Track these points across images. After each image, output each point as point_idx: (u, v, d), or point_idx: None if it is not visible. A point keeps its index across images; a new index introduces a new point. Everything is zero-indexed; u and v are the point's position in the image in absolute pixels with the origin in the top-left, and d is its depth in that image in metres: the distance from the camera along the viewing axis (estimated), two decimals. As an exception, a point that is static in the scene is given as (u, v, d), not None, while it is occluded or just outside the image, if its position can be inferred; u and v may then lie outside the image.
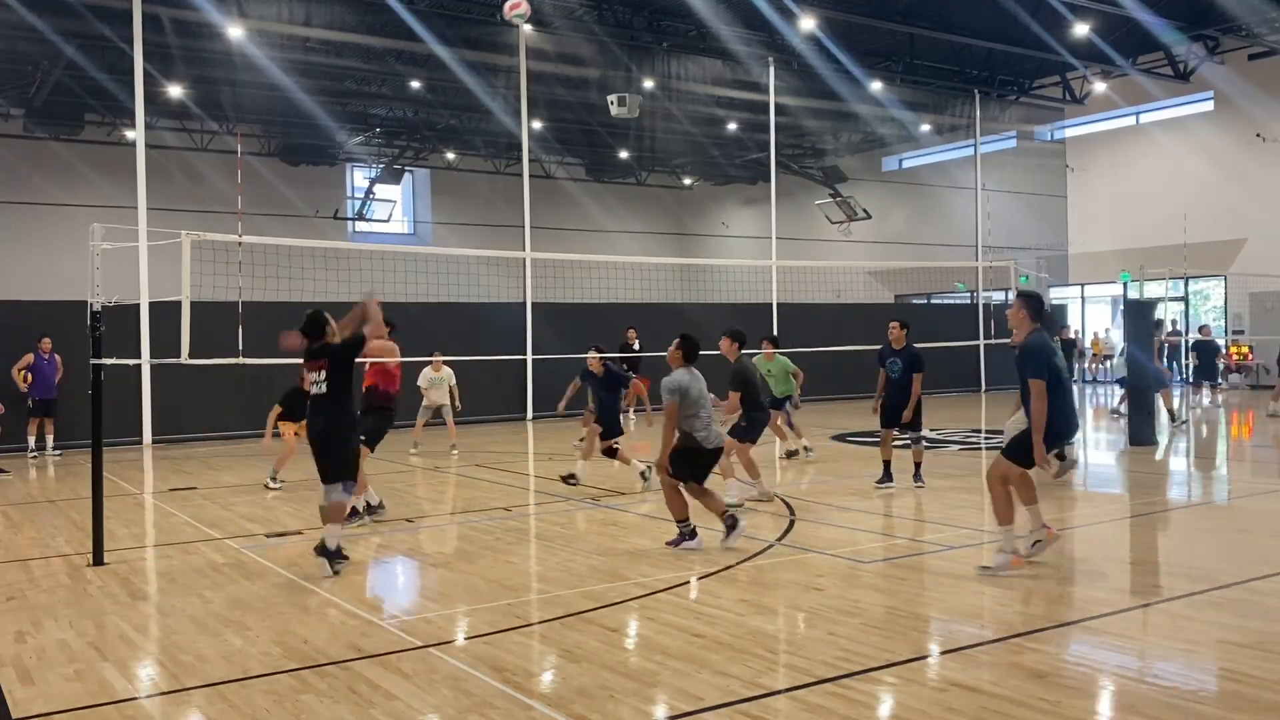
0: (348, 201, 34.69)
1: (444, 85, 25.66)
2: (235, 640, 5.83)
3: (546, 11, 21.31)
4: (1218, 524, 9.41)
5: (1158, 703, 4.62)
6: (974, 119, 28.17)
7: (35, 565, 7.97)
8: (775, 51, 23.87)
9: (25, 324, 15.96)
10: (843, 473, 12.60)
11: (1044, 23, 22.90)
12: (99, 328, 8.12)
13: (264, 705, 4.80)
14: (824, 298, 26.43)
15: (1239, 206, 26.58)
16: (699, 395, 8.00)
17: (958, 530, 8.79)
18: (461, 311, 20.47)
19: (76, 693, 4.99)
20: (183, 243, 8.58)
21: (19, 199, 28.13)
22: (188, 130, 29.92)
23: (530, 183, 21.47)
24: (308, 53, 22.70)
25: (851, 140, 34.42)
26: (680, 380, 7.93)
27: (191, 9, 19.26)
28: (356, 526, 9.06)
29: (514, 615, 6.28)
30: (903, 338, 10.84)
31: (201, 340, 9.99)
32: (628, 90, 24.36)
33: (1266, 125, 26.33)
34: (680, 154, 35.69)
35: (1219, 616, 5.95)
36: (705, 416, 7.99)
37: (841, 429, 17.67)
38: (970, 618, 6.10)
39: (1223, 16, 23.16)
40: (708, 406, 8.07)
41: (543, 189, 30.51)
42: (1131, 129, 29.88)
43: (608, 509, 10.16)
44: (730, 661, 5.29)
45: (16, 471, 14.02)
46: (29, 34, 20.26)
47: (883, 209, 34.42)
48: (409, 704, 4.77)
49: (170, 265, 10.33)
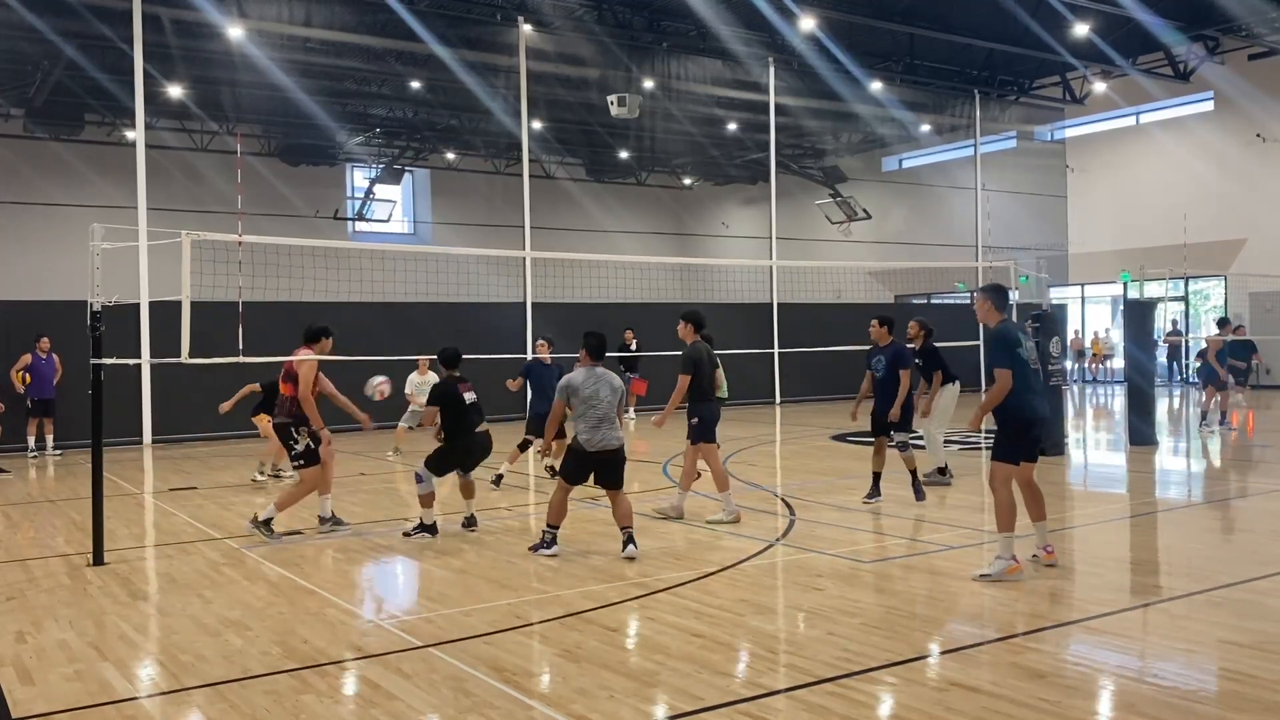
0: (348, 201, 34.68)
1: (444, 85, 25.66)
2: (235, 640, 5.83)
3: (546, 11, 21.32)
4: (1218, 524, 9.41)
5: (1158, 703, 4.62)
6: (974, 119, 28.17)
7: (35, 565, 7.97)
8: (775, 51, 23.87)
9: (25, 324, 15.96)
10: (843, 473, 12.59)
11: (1044, 23, 22.91)
12: (99, 327, 8.12)
13: (264, 705, 4.79)
14: (824, 298, 26.42)
15: (1239, 206, 26.59)
16: (590, 396, 7.75)
17: (958, 530, 8.78)
18: (461, 311, 20.47)
19: (76, 693, 4.99)
20: (183, 242, 8.56)
21: (19, 199, 28.13)
22: (188, 130, 29.91)
23: (530, 183, 21.46)
24: (308, 53, 22.70)
25: (851, 140, 34.42)
26: (572, 380, 7.82)
27: (191, 9, 19.25)
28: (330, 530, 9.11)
29: (514, 615, 6.27)
30: (885, 334, 10.36)
31: (201, 340, 9.96)
32: (628, 90, 24.36)
33: (1266, 125, 26.33)
34: (680, 154, 35.69)
35: (1219, 616, 5.94)
36: (593, 418, 7.75)
37: (841, 429, 17.66)
38: (970, 618, 6.10)
39: (1223, 16, 23.16)
40: (601, 409, 7.77)
41: (542, 189, 30.52)
42: (1131, 129, 29.88)
43: (608, 509, 10.15)
44: (730, 661, 5.29)
45: (16, 471, 14.02)
46: (29, 34, 20.25)
47: (883, 209, 34.42)
48: (409, 704, 4.77)
49: (170, 265, 10.31)
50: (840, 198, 34.44)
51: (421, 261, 21.31)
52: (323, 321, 9.38)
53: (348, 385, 17.44)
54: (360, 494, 11.51)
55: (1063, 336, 14.88)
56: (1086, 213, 30.38)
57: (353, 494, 11.49)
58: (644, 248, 36.83)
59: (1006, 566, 6.79)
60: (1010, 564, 6.80)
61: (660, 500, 9.76)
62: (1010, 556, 6.82)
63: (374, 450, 15.61)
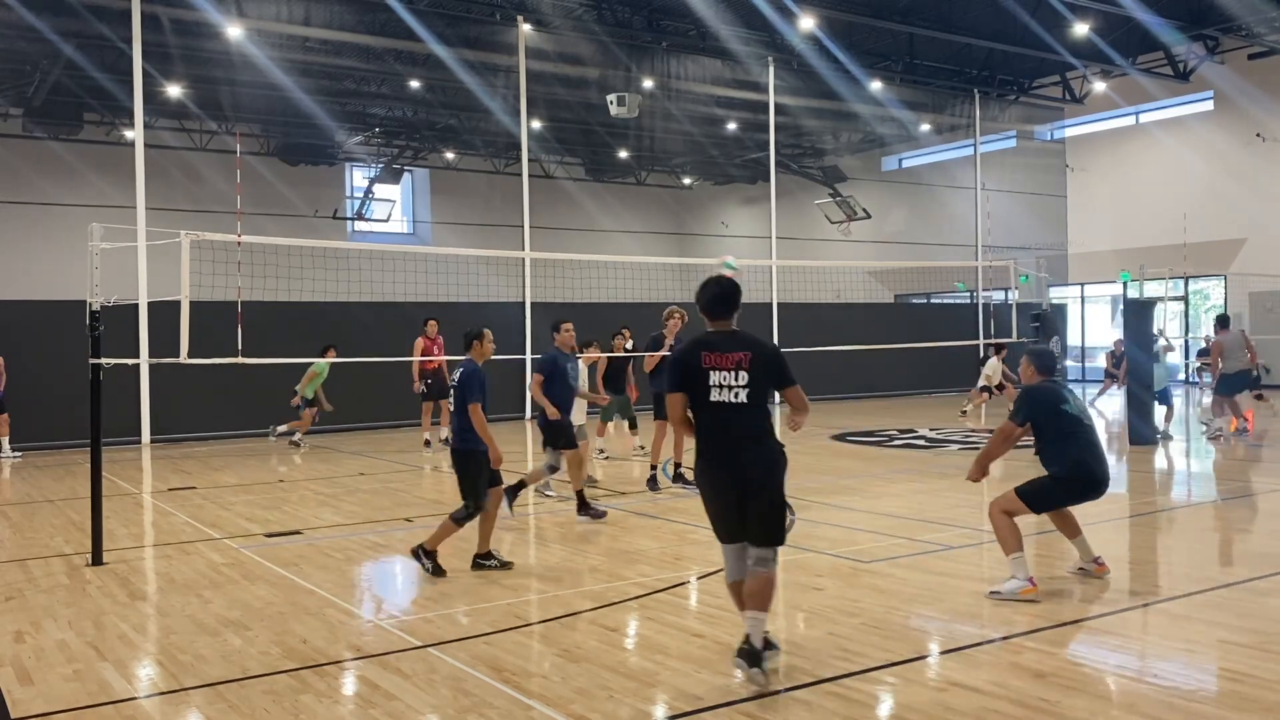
0: (347, 201, 34.65)
1: (443, 85, 25.65)
2: (234, 640, 5.82)
3: (546, 11, 21.31)
4: (1218, 524, 9.41)
5: (1158, 703, 4.61)
6: (974, 119, 28.17)
7: (34, 565, 7.96)
8: (775, 51, 23.86)
9: (25, 324, 15.95)
10: (843, 472, 12.59)
11: (1044, 22, 22.90)
12: (98, 327, 8.11)
13: (263, 705, 4.79)
14: (824, 298, 26.42)
15: (1239, 206, 26.58)
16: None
17: (958, 530, 8.78)
18: (461, 311, 20.44)
19: (76, 693, 4.99)
20: (182, 242, 8.57)
21: (18, 199, 28.12)
22: (187, 130, 29.90)
23: (529, 182, 21.45)
24: (307, 52, 22.69)
25: (851, 140, 34.42)
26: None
27: (191, 9, 19.24)
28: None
29: (514, 615, 6.27)
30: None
31: (201, 340, 9.96)
32: (627, 90, 24.35)
33: (1266, 125, 26.33)
34: (680, 154, 35.68)
35: (1219, 616, 5.94)
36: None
37: (841, 429, 17.66)
38: (970, 618, 6.09)
39: (1223, 16, 23.16)
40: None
41: (542, 189, 30.50)
42: (1131, 129, 29.87)
43: (607, 509, 10.14)
44: (730, 661, 5.29)
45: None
46: (28, 34, 20.23)
47: (883, 209, 34.40)
48: (408, 704, 4.76)
49: (169, 265, 10.31)
50: (840, 197, 34.42)
51: (421, 261, 21.29)
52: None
53: (348, 385, 17.50)
54: (360, 494, 11.51)
55: (1063, 336, 14.85)
56: (1086, 212, 30.38)
57: (352, 494, 11.48)
58: (643, 247, 36.80)
59: (1021, 587, 6.38)
60: (1025, 585, 6.38)
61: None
62: (1025, 577, 6.39)
63: (375, 450, 15.61)
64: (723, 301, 5.25)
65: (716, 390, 5.07)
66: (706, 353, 5.11)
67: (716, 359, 5.09)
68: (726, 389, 5.07)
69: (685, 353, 5.18)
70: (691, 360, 5.12)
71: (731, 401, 5.06)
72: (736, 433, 5.08)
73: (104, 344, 8.17)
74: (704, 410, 5.11)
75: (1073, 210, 30.83)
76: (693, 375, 5.10)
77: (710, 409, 5.10)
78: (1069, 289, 31.12)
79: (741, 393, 5.06)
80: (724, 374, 5.06)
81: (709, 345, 5.14)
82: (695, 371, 5.09)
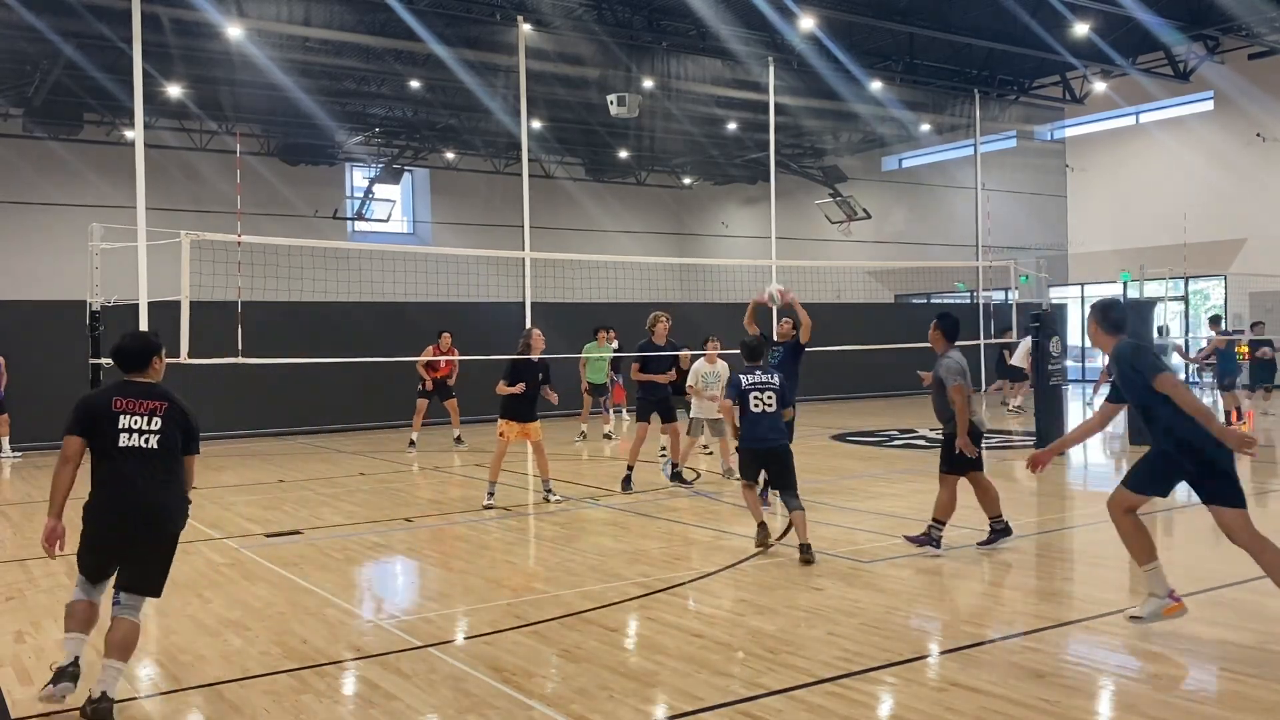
0: (347, 201, 34.66)
1: (443, 85, 25.65)
2: (234, 640, 5.82)
3: (546, 11, 21.31)
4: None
5: (1158, 703, 4.61)
6: (974, 119, 28.14)
7: (34, 565, 7.96)
8: (775, 51, 23.84)
9: (25, 324, 15.94)
10: (842, 472, 12.59)
11: (1044, 22, 22.90)
12: (98, 327, 8.13)
13: (263, 705, 4.79)
14: (824, 298, 26.40)
15: (1239, 206, 26.58)
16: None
17: (958, 530, 8.77)
18: (461, 311, 20.46)
19: (76, 693, 4.98)
20: (182, 242, 8.58)
21: (18, 199, 28.11)
22: (187, 130, 29.89)
23: (530, 182, 21.42)
24: (307, 52, 22.69)
25: (851, 140, 34.42)
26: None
27: (191, 9, 19.23)
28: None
29: (514, 615, 6.27)
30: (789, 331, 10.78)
31: (201, 340, 9.98)
32: (627, 90, 24.35)
33: (1266, 125, 26.33)
34: (680, 154, 35.69)
35: (1219, 616, 5.94)
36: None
37: (841, 428, 17.67)
38: (970, 618, 6.10)
39: (1223, 16, 23.15)
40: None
41: (542, 189, 30.50)
42: (1131, 129, 29.87)
43: (608, 509, 10.15)
44: (730, 661, 5.29)
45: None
46: (28, 33, 20.23)
47: (883, 209, 34.40)
48: (408, 704, 4.77)
49: (169, 265, 10.32)
50: (840, 197, 34.41)
51: (421, 261, 21.29)
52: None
53: (347, 385, 17.50)
54: (360, 494, 11.51)
55: (1063, 336, 14.86)
56: (1086, 212, 30.38)
57: (352, 494, 11.48)
58: (644, 247, 36.79)
59: (1163, 606, 5.57)
60: (1167, 603, 5.58)
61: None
62: (1166, 594, 5.59)
63: (375, 450, 15.61)
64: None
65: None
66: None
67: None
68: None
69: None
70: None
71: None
72: None
73: (104, 344, 8.18)
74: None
75: (1073, 210, 30.84)
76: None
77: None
78: (1069, 289, 31.11)
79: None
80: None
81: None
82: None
